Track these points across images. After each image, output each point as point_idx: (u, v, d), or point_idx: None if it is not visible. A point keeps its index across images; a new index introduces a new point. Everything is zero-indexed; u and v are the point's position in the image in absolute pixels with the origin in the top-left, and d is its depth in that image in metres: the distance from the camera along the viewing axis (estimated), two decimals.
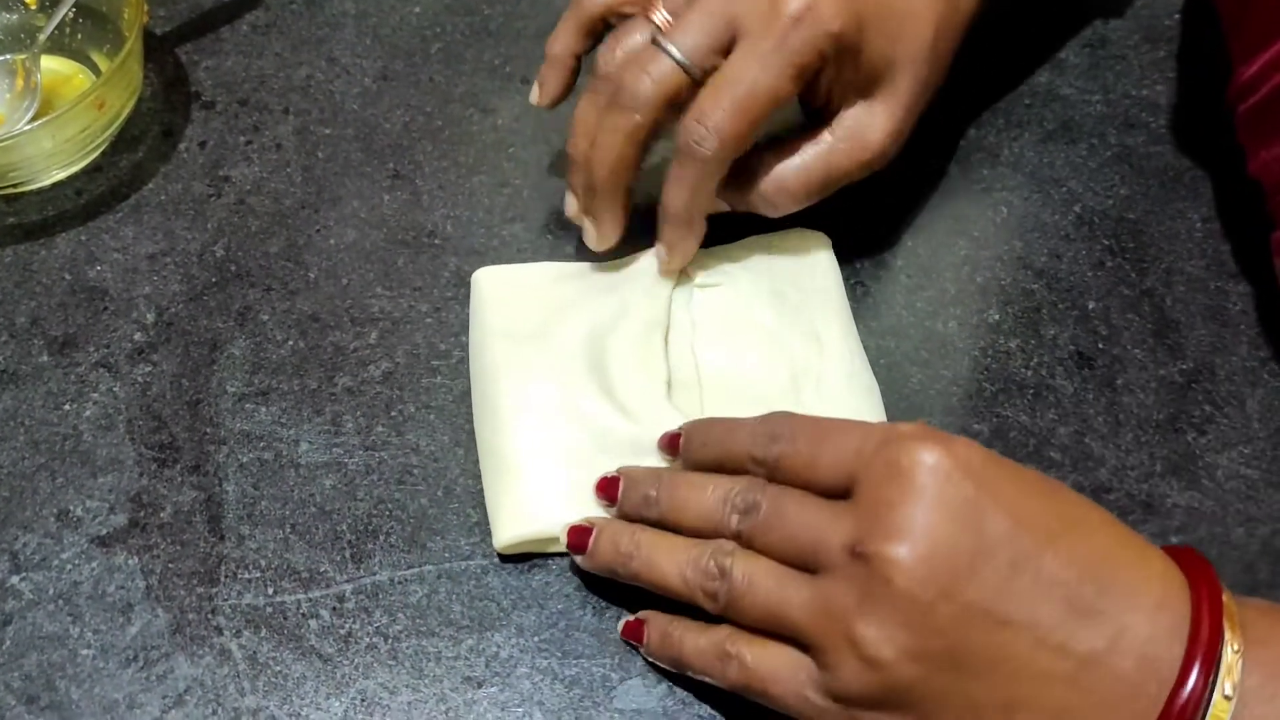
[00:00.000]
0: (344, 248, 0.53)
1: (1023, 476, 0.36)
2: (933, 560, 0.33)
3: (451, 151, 0.56)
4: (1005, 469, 0.36)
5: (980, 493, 0.34)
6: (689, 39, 0.44)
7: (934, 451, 0.35)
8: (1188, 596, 0.34)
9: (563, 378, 0.46)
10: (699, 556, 0.39)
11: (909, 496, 0.34)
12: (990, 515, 0.34)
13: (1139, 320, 0.50)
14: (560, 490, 0.44)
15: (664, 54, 0.44)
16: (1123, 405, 0.48)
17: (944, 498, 0.34)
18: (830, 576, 0.35)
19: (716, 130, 0.43)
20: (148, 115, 0.57)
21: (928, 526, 0.34)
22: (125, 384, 0.49)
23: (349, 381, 0.49)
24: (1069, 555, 0.34)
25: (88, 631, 0.43)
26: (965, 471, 0.34)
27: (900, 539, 0.34)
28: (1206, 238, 0.53)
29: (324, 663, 0.42)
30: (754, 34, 0.43)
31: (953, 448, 0.35)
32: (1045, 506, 0.35)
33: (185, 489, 0.46)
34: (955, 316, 0.51)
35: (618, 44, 0.46)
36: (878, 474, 0.35)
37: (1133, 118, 0.57)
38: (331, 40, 0.60)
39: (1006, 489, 0.35)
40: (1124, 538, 0.36)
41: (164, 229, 0.53)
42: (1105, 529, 0.35)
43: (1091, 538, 0.35)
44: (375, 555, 0.45)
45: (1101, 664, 0.33)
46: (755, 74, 0.43)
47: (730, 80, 0.43)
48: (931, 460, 0.34)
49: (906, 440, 0.35)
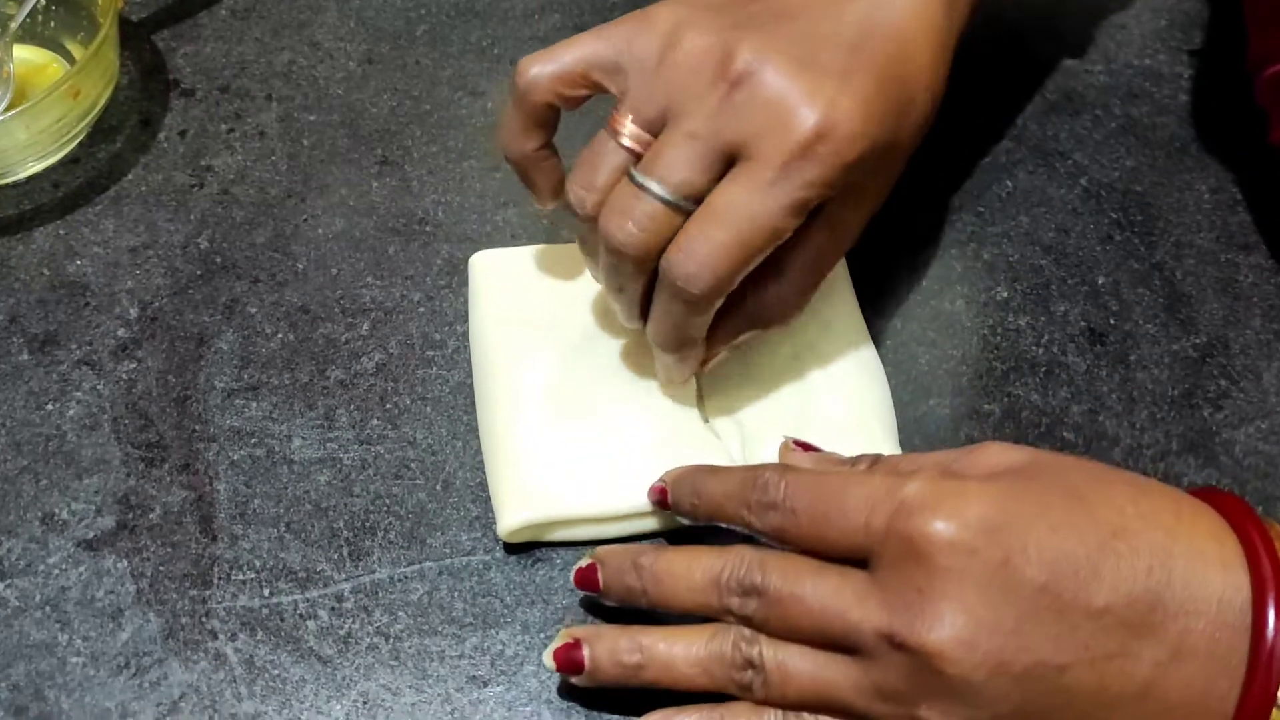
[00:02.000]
0: (333, 237, 0.51)
1: (1046, 503, 0.33)
2: (977, 643, 0.32)
3: (441, 136, 0.54)
4: (1024, 505, 0.33)
5: (1008, 554, 0.32)
6: (676, 174, 0.37)
7: (948, 524, 0.32)
8: (1235, 540, 0.33)
9: (565, 361, 0.45)
10: (720, 651, 0.36)
11: (936, 581, 0.32)
12: (1023, 573, 0.32)
13: (1150, 295, 0.49)
14: (564, 474, 0.43)
15: (646, 194, 0.38)
16: (1136, 382, 0.47)
17: (972, 574, 0.32)
18: (874, 663, 0.33)
19: (705, 266, 0.37)
20: (125, 104, 0.55)
21: (964, 609, 0.32)
22: (109, 382, 0.47)
23: (341, 374, 0.47)
24: (1114, 578, 0.32)
25: (77, 638, 0.41)
26: (986, 535, 0.32)
27: (939, 628, 0.32)
28: (1216, 209, 0.52)
29: (324, 665, 0.41)
30: (755, 158, 0.37)
31: (965, 512, 0.32)
32: (1077, 528, 0.33)
33: (175, 489, 0.44)
34: (962, 295, 0.49)
35: (592, 176, 0.39)
36: (894, 553, 0.33)
37: (1136, 88, 0.55)
38: (313, 24, 0.58)
39: (1033, 532, 0.32)
40: (1158, 509, 0.33)
41: (145, 221, 0.52)
42: (1143, 517, 0.33)
43: (1134, 539, 0.32)
44: (374, 553, 0.43)
45: (1171, 667, 0.32)
46: (754, 208, 0.37)
47: (724, 212, 0.37)
48: (948, 535, 0.32)
49: (916, 514, 0.32)
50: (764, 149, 0.37)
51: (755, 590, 0.35)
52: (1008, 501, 0.33)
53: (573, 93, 0.41)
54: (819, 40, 0.38)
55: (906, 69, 0.39)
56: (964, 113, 0.55)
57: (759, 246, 0.38)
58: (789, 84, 0.37)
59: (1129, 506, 0.33)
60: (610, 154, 0.39)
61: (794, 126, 0.37)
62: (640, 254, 0.38)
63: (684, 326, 0.40)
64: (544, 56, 0.41)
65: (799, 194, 0.37)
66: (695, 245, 0.37)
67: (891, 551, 0.33)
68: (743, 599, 0.36)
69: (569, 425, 0.44)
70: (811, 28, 0.39)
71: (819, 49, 0.38)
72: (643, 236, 0.38)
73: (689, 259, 0.37)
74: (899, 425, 0.45)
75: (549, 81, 0.41)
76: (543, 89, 0.41)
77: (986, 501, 0.33)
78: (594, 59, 0.40)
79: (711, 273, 0.38)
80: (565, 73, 0.40)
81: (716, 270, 0.38)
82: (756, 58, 0.37)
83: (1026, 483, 0.34)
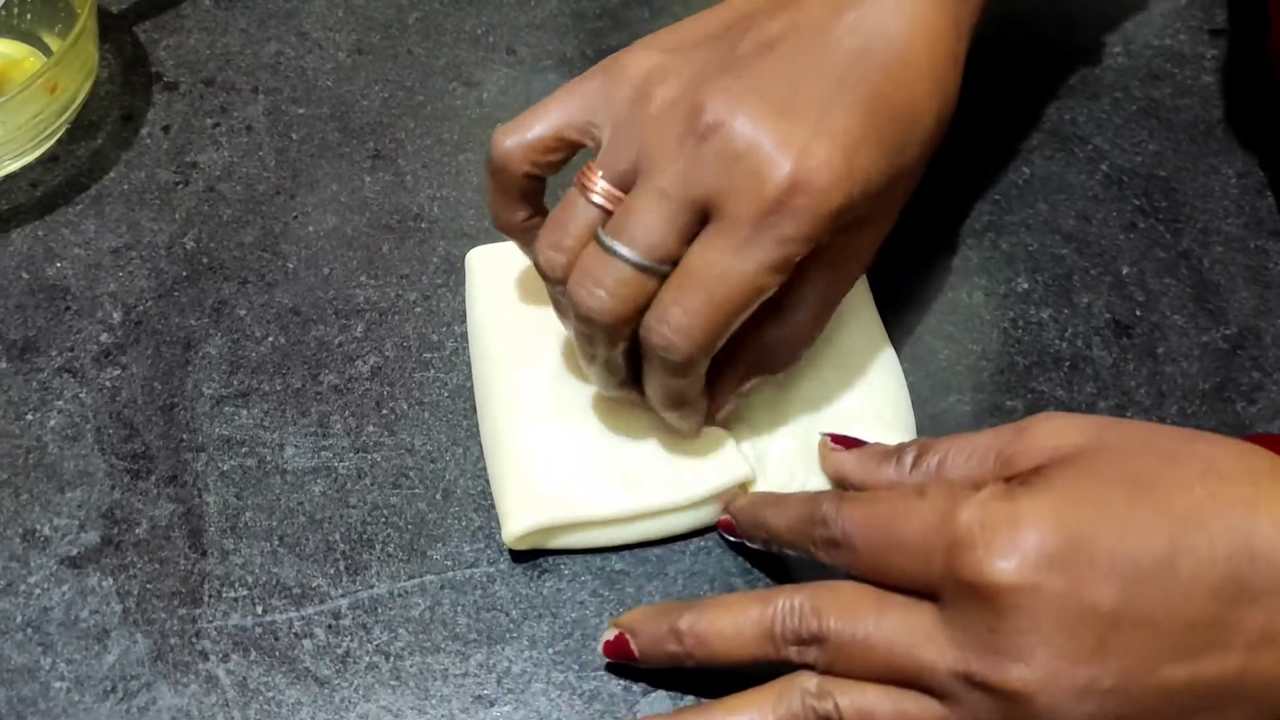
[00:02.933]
0: (324, 235, 0.49)
1: (1108, 504, 0.31)
2: (1060, 674, 0.30)
3: (435, 128, 0.52)
4: (1085, 515, 0.31)
5: (1075, 581, 0.30)
6: (646, 235, 0.35)
7: (1007, 563, 0.30)
8: None
9: (570, 358, 0.43)
10: (791, 712, 0.34)
11: (1007, 619, 0.31)
12: (1096, 595, 0.30)
13: (1177, 284, 0.47)
14: (572, 476, 0.41)
15: (616, 257, 0.35)
16: (1165, 375, 0.45)
17: (1042, 609, 0.30)
18: (957, 703, 0.32)
19: (683, 333, 0.35)
20: (106, 99, 0.53)
21: (1040, 642, 0.30)
22: (92, 390, 0.45)
23: (335, 379, 0.45)
24: (1192, 573, 0.30)
25: (60, 662, 0.39)
26: (1049, 568, 0.30)
27: (1019, 667, 0.31)
28: (1243, 194, 0.50)
29: (321, 686, 0.39)
30: (728, 216, 0.35)
31: (1022, 545, 0.31)
32: (1146, 528, 0.31)
33: (162, 502, 0.42)
34: (981, 287, 0.48)
35: (560, 237, 0.37)
36: (957, 592, 0.31)
37: (1157, 69, 0.53)
38: (301, 13, 0.56)
39: (1099, 546, 0.30)
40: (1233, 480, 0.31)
41: (128, 221, 0.50)
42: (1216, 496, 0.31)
43: (1209, 524, 0.31)
44: (372, 566, 0.41)
45: (1263, 649, 0.31)
46: (733, 267, 0.35)
47: (698, 276, 0.35)
48: (1009, 577, 0.30)
49: (972, 554, 0.31)
50: (736, 206, 0.35)
51: (815, 638, 0.34)
52: (1067, 517, 0.31)
53: (549, 159, 0.39)
54: (801, 76, 0.36)
55: (905, 92, 0.37)
56: (978, 98, 0.52)
57: (739, 307, 0.36)
58: (759, 134, 0.35)
59: (1199, 486, 0.31)
60: (580, 212, 0.37)
61: (764, 180, 0.34)
62: (611, 321, 0.36)
63: (675, 389, 0.38)
64: (514, 127, 0.39)
65: (777, 252, 0.35)
66: (670, 312, 0.35)
67: (954, 590, 0.32)
68: (801, 648, 0.34)
69: (574, 425, 0.42)
70: (795, 61, 0.36)
71: (800, 87, 0.36)
72: (612, 303, 0.36)
73: (665, 327, 0.35)
74: (918, 423, 0.43)
75: (522, 151, 0.39)
76: (517, 160, 0.39)
77: (1043, 525, 0.31)
78: (565, 122, 0.38)
79: (688, 340, 0.35)
80: (538, 140, 0.39)
81: (694, 337, 0.35)
82: (726, 108, 0.35)
83: (1086, 479, 0.32)
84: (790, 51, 0.36)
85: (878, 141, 0.36)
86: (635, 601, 0.41)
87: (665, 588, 0.41)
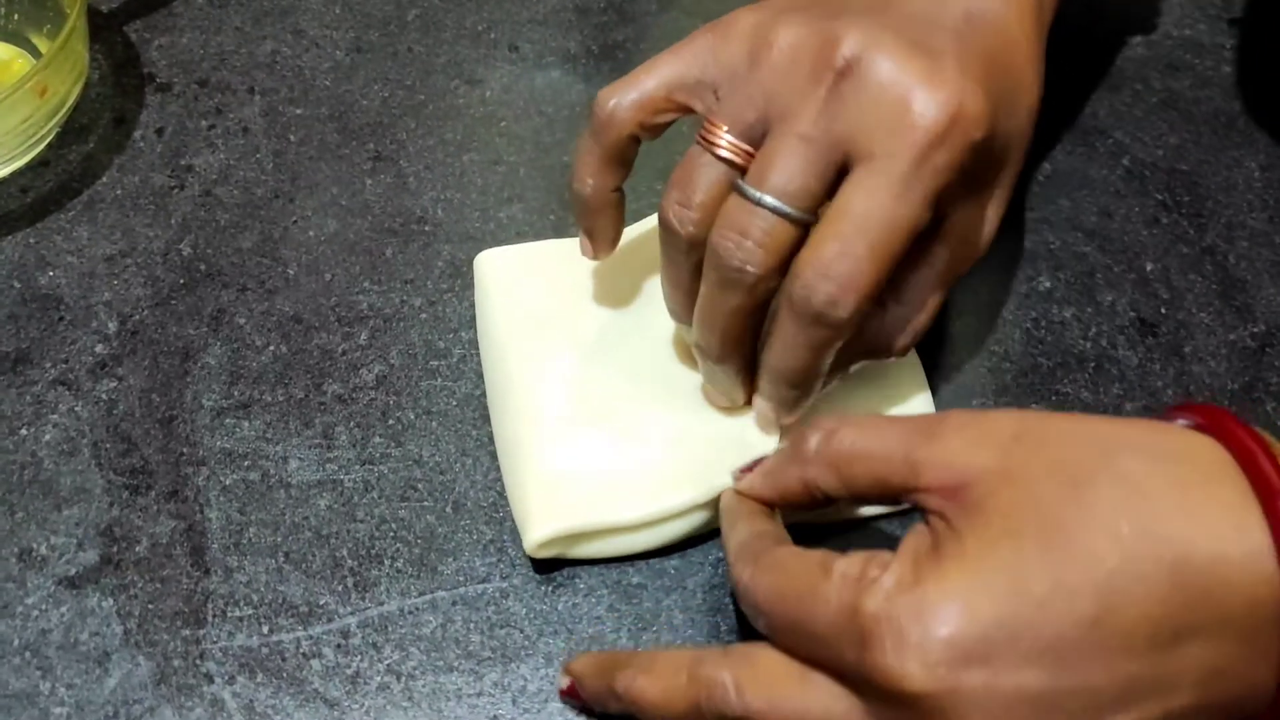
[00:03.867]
0: (325, 239, 0.48)
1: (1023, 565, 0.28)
2: None
3: (437, 128, 0.51)
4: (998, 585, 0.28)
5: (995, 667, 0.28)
6: (789, 181, 0.34)
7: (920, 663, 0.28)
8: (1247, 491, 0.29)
9: (585, 362, 0.42)
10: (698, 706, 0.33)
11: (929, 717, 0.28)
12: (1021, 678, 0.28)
13: (1202, 281, 0.46)
14: (594, 481, 0.40)
15: (760, 208, 0.34)
16: (1193, 375, 0.44)
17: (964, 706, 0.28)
18: None
19: (849, 286, 0.33)
20: (97, 101, 0.52)
21: None
22: (88, 403, 0.44)
23: (339, 389, 0.44)
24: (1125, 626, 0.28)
25: (60, 686, 0.38)
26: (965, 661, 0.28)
27: None
28: (1267, 187, 0.48)
29: (330, 708, 0.38)
30: (880, 155, 0.33)
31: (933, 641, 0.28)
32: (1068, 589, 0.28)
33: (162, 518, 0.41)
34: (1002, 285, 0.46)
35: (686, 192, 0.36)
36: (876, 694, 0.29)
37: (1176, 60, 0.52)
38: (297, 10, 0.55)
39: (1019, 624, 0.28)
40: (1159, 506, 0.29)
41: (122, 227, 0.48)
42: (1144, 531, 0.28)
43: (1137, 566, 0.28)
44: (381, 583, 0.40)
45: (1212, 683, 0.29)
46: (891, 210, 0.33)
47: (859, 219, 0.33)
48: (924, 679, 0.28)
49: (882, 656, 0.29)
50: (889, 143, 0.33)
51: (738, 718, 0.32)
52: (979, 600, 0.28)
53: (657, 119, 0.38)
54: (924, 24, 0.35)
55: (1011, 59, 0.37)
56: None
57: (900, 251, 0.34)
58: (905, 67, 0.33)
59: (1124, 522, 0.28)
60: (707, 168, 0.36)
61: (920, 113, 0.33)
62: (762, 272, 0.35)
63: (822, 357, 0.36)
64: (622, 86, 0.38)
65: (932, 184, 0.34)
66: (834, 263, 0.33)
67: (871, 690, 0.29)
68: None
69: (595, 429, 0.41)
70: (913, 12, 0.36)
71: (927, 32, 0.35)
72: (762, 254, 0.34)
73: (827, 282, 0.33)
74: None
75: (630, 111, 0.37)
76: (624, 120, 0.37)
77: (954, 615, 0.28)
78: (676, 80, 0.37)
79: (856, 292, 0.34)
80: (647, 99, 0.37)
81: (861, 288, 0.34)
82: (862, 42, 0.34)
83: (996, 539, 0.29)
84: (905, 9, 0.36)
85: (999, 95, 0.35)
86: (654, 617, 0.39)
87: (684, 601, 0.40)
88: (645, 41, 0.53)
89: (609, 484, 0.40)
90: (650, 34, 0.54)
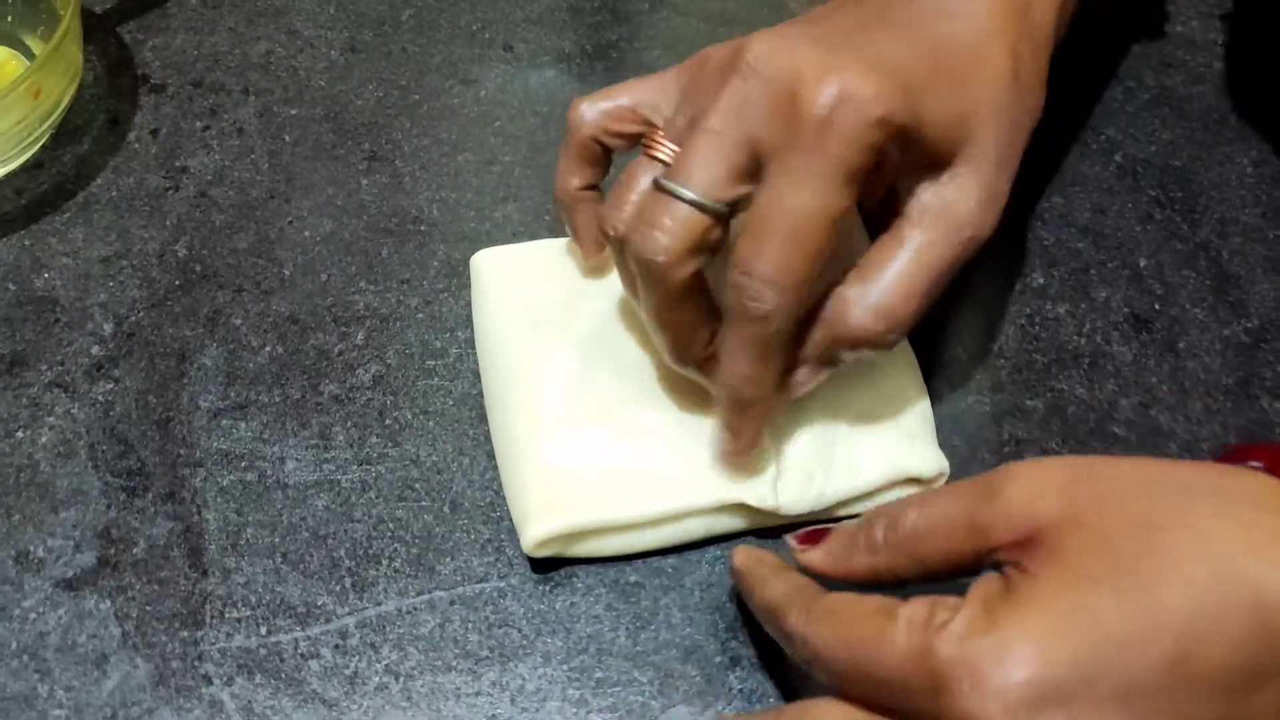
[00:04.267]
0: (320, 240, 0.48)
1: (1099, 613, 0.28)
2: None
3: (432, 128, 0.51)
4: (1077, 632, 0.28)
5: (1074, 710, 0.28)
6: (700, 172, 0.35)
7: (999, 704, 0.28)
8: None
9: (583, 360, 0.42)
10: None
11: None
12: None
13: (1196, 276, 0.46)
14: (594, 479, 0.40)
15: (673, 199, 0.35)
16: (1187, 371, 0.44)
17: None
18: None
19: (769, 279, 0.34)
20: (91, 103, 0.51)
21: None
22: (84, 405, 0.43)
23: (336, 389, 0.44)
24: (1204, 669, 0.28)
25: (58, 689, 0.38)
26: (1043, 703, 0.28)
27: None
28: (1260, 183, 0.49)
29: (329, 708, 0.38)
30: (781, 148, 0.34)
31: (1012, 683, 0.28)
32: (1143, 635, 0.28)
33: (159, 520, 0.41)
34: (996, 282, 0.46)
35: (623, 195, 0.37)
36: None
37: (1168, 56, 0.52)
38: (291, 10, 0.55)
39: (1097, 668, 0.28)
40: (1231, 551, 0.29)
41: (117, 228, 0.48)
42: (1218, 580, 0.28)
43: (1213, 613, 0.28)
44: (379, 583, 0.40)
45: None
46: (798, 198, 0.34)
47: (769, 213, 0.34)
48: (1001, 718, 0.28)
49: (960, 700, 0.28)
50: (785, 136, 0.34)
51: None
52: (1056, 643, 0.28)
53: (621, 128, 0.40)
54: (854, 24, 0.36)
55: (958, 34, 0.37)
56: None
57: (819, 240, 0.34)
58: (798, 64, 0.35)
59: (1200, 569, 0.28)
60: (643, 171, 0.37)
61: (806, 100, 0.34)
62: (669, 260, 0.35)
63: (764, 358, 0.36)
64: (596, 95, 0.40)
65: (836, 168, 0.34)
66: (753, 260, 0.35)
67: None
68: None
69: (593, 427, 0.41)
70: (852, 15, 0.37)
71: (849, 32, 0.36)
72: (669, 241, 0.35)
73: (749, 279, 0.35)
74: (937, 424, 0.42)
75: (596, 115, 0.40)
76: (590, 123, 0.40)
77: (1032, 658, 0.28)
78: (643, 98, 0.40)
79: (776, 285, 0.34)
80: (614, 108, 0.40)
81: (781, 280, 0.34)
82: (767, 47, 0.35)
83: (1072, 583, 0.29)
84: (849, 16, 0.37)
85: (930, 72, 0.36)
86: (651, 615, 0.39)
87: (682, 600, 0.40)
88: (639, 41, 0.54)
89: (607, 482, 0.40)
90: (643, 33, 0.54)
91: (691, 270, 0.36)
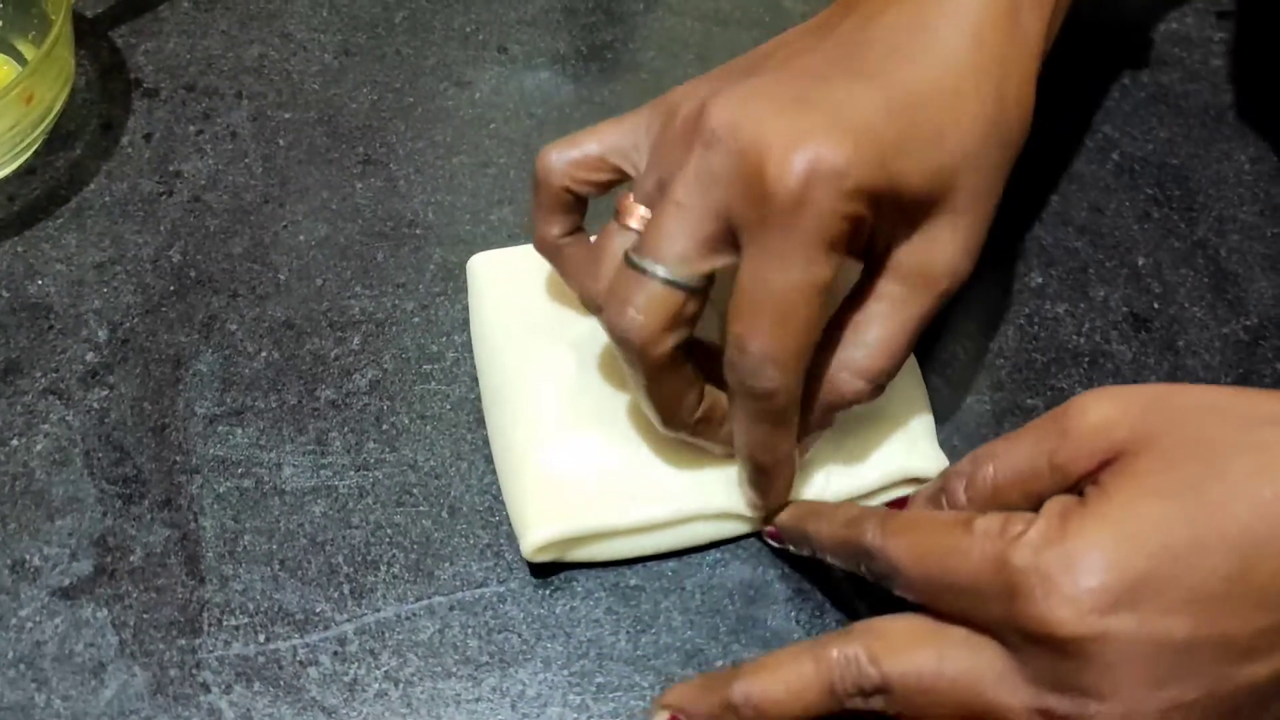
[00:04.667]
0: (315, 244, 0.47)
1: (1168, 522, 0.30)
2: (1143, 700, 0.29)
3: (427, 131, 0.51)
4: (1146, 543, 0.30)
5: (1143, 615, 0.29)
6: (670, 248, 0.34)
7: (1072, 609, 0.29)
8: None
9: (581, 364, 0.42)
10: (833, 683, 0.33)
11: (1079, 663, 0.30)
12: (1167, 626, 0.29)
13: (1194, 275, 0.46)
14: (594, 483, 0.40)
15: (642, 274, 0.34)
16: (1187, 369, 0.44)
17: (1113, 650, 0.29)
18: None
19: (767, 356, 0.34)
20: (84, 108, 0.51)
21: (1117, 679, 0.29)
22: (79, 412, 0.43)
23: (332, 394, 0.44)
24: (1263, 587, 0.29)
25: (55, 698, 0.38)
26: (1114, 608, 0.29)
27: (1098, 700, 0.30)
28: (1257, 180, 0.49)
29: (328, 716, 0.37)
30: (754, 225, 0.33)
31: (1084, 590, 0.29)
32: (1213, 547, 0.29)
33: (156, 527, 0.41)
34: (994, 282, 0.46)
35: (598, 264, 0.37)
36: (1025, 639, 0.30)
37: (1165, 54, 0.52)
38: (284, 14, 0.54)
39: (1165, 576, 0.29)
40: None
41: (111, 234, 0.48)
42: None
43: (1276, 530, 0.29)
44: (377, 589, 0.40)
45: None
46: (782, 275, 0.33)
47: (755, 292, 0.33)
48: (1076, 623, 0.29)
49: (1032, 604, 0.30)
50: (758, 213, 0.33)
51: (877, 689, 0.32)
52: (1127, 553, 0.30)
53: (591, 177, 0.39)
54: (822, 75, 0.35)
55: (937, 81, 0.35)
56: None
57: (808, 314, 0.34)
58: (763, 135, 0.33)
59: (1265, 490, 0.30)
60: (616, 239, 0.36)
61: (774, 178, 0.32)
62: (645, 338, 0.34)
63: (775, 431, 0.36)
64: (563, 143, 0.39)
65: (813, 241, 0.33)
66: (745, 339, 0.34)
67: (1019, 636, 0.30)
68: (867, 699, 0.33)
69: (592, 431, 0.41)
70: (820, 63, 0.36)
71: (816, 85, 0.34)
72: (642, 320, 0.34)
73: (745, 358, 0.34)
74: (937, 424, 0.42)
75: (565, 166, 0.39)
76: (559, 174, 0.39)
77: (1103, 566, 0.29)
78: (612, 145, 0.38)
79: (773, 361, 0.34)
80: (583, 158, 0.39)
81: (776, 356, 0.34)
82: (729, 112, 0.34)
83: (1141, 500, 0.30)
84: (818, 57, 0.36)
85: (904, 129, 0.34)
86: (652, 619, 0.39)
87: (683, 603, 0.40)
88: (633, 42, 0.53)
89: (606, 487, 0.39)
90: (638, 34, 0.54)
91: (670, 345, 0.35)
